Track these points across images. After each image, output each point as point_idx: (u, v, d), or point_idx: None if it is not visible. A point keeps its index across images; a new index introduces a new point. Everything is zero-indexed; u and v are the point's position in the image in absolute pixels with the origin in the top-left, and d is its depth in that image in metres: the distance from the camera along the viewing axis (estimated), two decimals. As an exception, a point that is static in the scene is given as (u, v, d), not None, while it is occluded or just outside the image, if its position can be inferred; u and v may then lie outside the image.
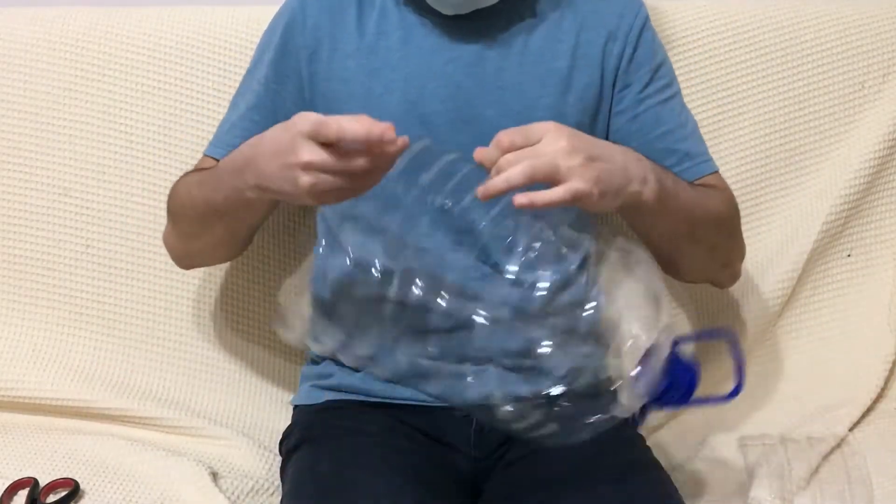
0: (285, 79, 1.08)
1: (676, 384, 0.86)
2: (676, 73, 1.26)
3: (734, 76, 1.30)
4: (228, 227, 1.05)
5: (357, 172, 0.82)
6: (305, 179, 0.83)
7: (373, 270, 0.95)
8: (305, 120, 0.84)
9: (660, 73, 1.10)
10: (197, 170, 1.10)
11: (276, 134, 0.87)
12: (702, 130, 1.28)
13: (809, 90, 1.31)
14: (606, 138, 1.10)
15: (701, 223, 1.02)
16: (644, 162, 0.93)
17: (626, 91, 1.09)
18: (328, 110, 1.05)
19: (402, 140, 0.82)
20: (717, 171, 1.11)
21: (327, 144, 0.82)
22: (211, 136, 1.24)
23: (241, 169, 0.91)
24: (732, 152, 1.30)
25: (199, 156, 1.24)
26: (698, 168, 1.09)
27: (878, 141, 1.30)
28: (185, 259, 1.15)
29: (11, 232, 1.26)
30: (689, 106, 1.27)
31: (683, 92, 1.27)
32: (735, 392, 0.90)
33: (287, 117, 1.05)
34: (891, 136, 1.31)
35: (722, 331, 1.00)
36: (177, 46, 1.26)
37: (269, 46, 1.10)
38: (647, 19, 1.10)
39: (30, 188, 1.26)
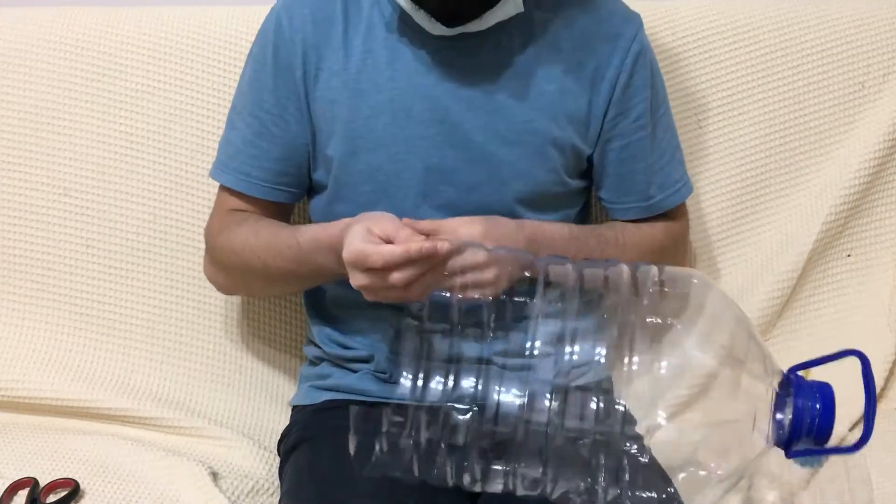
0: (286, 101, 1.05)
1: (810, 419, 0.75)
2: (677, 73, 1.26)
3: (734, 76, 1.30)
4: (306, 285, 1.15)
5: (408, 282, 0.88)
6: (362, 291, 0.92)
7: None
8: (349, 251, 0.89)
9: (655, 101, 1.09)
10: (232, 210, 1.10)
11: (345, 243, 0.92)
12: (701, 131, 1.28)
13: (809, 90, 1.31)
14: (596, 163, 1.09)
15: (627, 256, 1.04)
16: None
17: (620, 118, 1.06)
18: (319, 132, 1.04)
19: (443, 244, 0.87)
20: (684, 200, 1.15)
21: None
22: (210, 137, 1.24)
23: (329, 249, 0.97)
24: (732, 152, 1.30)
25: (199, 155, 1.25)
26: (671, 199, 1.12)
27: (877, 141, 1.30)
28: (234, 293, 1.24)
29: (11, 232, 1.25)
30: (690, 107, 1.28)
31: (683, 93, 1.28)
32: (864, 439, 0.76)
33: (295, 141, 1.05)
34: (891, 136, 1.30)
35: (848, 351, 0.81)
36: (176, 46, 1.26)
37: (263, 66, 1.06)
38: (643, 44, 1.06)
39: (30, 188, 1.25)
